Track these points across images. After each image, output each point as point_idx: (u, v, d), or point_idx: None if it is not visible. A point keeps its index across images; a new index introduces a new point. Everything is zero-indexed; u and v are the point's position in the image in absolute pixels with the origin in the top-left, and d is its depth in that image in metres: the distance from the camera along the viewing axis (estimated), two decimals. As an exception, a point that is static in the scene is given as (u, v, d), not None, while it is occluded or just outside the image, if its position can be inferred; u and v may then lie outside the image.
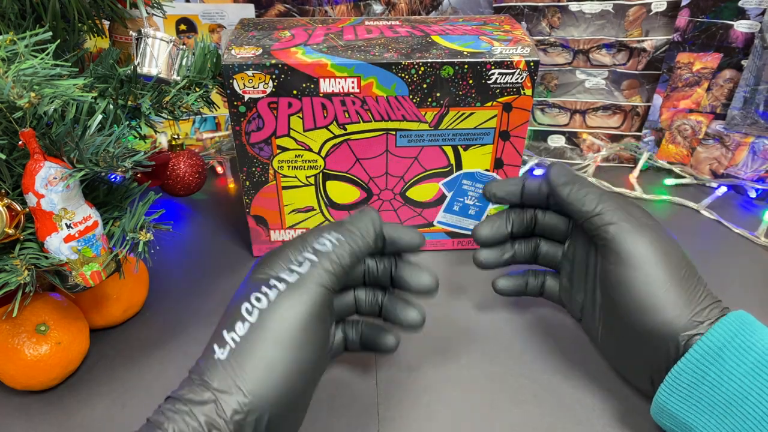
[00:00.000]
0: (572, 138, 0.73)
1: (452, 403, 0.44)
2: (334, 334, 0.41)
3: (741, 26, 0.64)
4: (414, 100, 0.49)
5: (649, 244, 0.38)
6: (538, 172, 0.71)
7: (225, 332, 0.33)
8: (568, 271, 0.45)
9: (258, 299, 0.34)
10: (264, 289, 0.34)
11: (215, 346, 0.33)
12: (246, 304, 0.34)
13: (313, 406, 0.43)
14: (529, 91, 0.50)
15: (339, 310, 0.42)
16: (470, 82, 0.49)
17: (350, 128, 0.51)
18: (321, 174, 0.53)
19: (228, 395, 0.31)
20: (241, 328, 0.33)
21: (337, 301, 0.42)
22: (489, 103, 0.50)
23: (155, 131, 0.49)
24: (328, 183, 0.54)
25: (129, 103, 0.44)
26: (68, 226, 0.37)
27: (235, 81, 0.47)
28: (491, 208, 0.57)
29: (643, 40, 0.66)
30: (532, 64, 0.48)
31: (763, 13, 0.62)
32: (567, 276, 0.45)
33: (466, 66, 0.48)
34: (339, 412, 0.43)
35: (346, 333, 0.42)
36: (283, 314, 0.33)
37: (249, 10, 0.66)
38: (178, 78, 0.44)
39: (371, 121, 0.50)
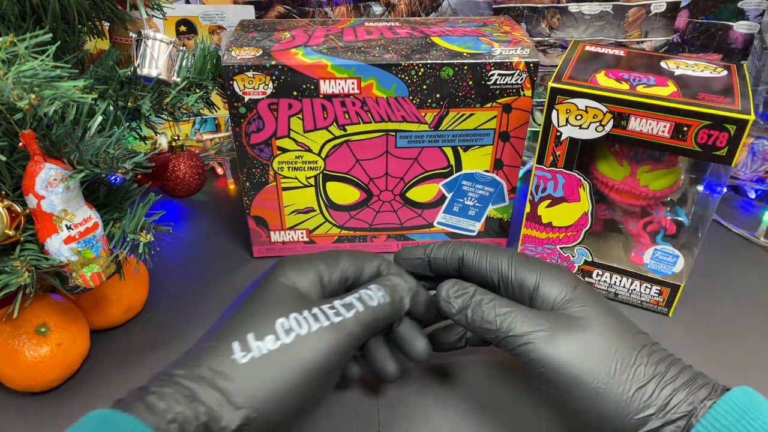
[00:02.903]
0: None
1: (452, 404, 0.44)
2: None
3: (740, 27, 0.64)
4: (414, 101, 0.49)
5: (567, 353, 0.35)
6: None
7: (252, 337, 0.33)
8: None
9: (298, 323, 0.34)
10: (306, 314, 0.34)
11: (236, 346, 0.33)
12: (283, 320, 0.34)
13: (313, 407, 0.43)
14: (528, 92, 0.50)
15: None
16: (470, 83, 0.49)
17: (350, 129, 0.51)
18: (321, 175, 0.53)
19: (237, 401, 0.31)
20: (271, 342, 0.33)
21: None
22: (489, 104, 0.50)
23: (155, 132, 0.49)
24: (328, 184, 0.54)
25: (129, 104, 0.44)
26: (68, 228, 0.37)
27: (235, 82, 0.47)
28: (492, 209, 0.57)
29: (642, 41, 0.66)
30: (531, 65, 0.48)
31: (762, 14, 0.62)
32: None
33: (465, 67, 0.48)
34: (339, 413, 0.43)
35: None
36: (316, 349, 0.33)
37: (249, 12, 0.67)
38: (178, 79, 0.44)
39: (371, 122, 0.50)
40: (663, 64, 0.48)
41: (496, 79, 0.49)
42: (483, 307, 0.37)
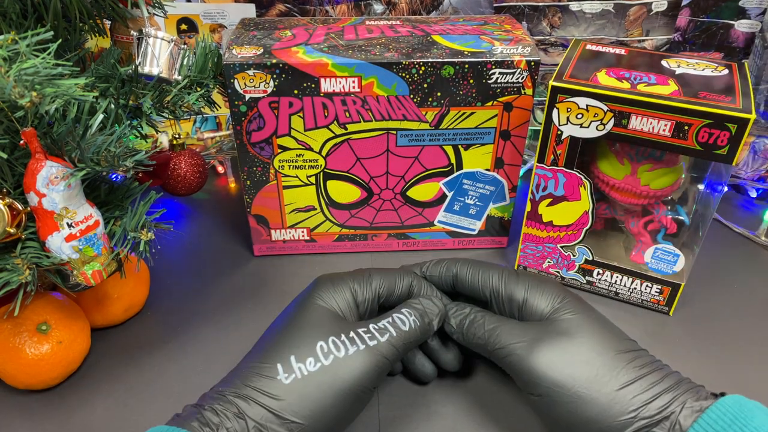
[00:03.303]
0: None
1: (453, 403, 0.44)
2: None
3: (741, 26, 0.64)
4: (415, 100, 0.49)
5: (546, 360, 0.36)
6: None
7: (293, 359, 0.35)
8: None
9: (336, 346, 0.36)
10: (343, 338, 0.37)
11: (280, 368, 0.35)
12: (322, 343, 0.36)
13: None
14: (529, 91, 0.50)
15: None
16: (471, 81, 0.49)
17: (351, 128, 0.51)
18: (322, 173, 0.53)
19: (281, 418, 0.33)
20: (312, 364, 0.36)
21: None
22: (489, 103, 0.50)
23: (156, 131, 0.49)
24: (329, 182, 0.54)
25: (130, 102, 0.44)
26: (69, 226, 0.37)
27: (236, 80, 0.47)
28: (492, 208, 0.57)
29: (643, 40, 0.66)
30: (532, 63, 0.48)
31: (763, 13, 0.62)
32: None
33: (466, 65, 0.48)
34: (340, 412, 0.43)
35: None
36: (353, 370, 0.36)
37: (250, 10, 0.66)
38: (180, 77, 0.44)
39: (372, 121, 0.50)
40: (664, 62, 0.48)
41: (497, 78, 0.49)
42: (474, 325, 0.41)
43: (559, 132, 0.46)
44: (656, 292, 0.51)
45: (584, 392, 0.35)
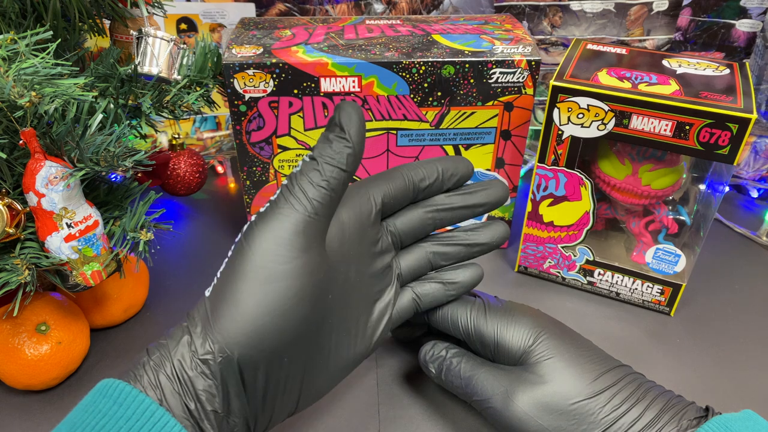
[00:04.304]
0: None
1: (453, 403, 0.43)
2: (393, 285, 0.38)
3: (743, 26, 0.64)
4: (415, 100, 0.49)
5: (522, 412, 0.35)
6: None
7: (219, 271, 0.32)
8: None
9: (241, 235, 0.32)
10: (245, 225, 0.32)
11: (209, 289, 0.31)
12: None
13: (314, 406, 0.43)
14: (530, 91, 0.50)
15: (410, 269, 0.40)
16: (471, 81, 0.49)
17: (351, 128, 0.51)
18: (322, 173, 0.53)
19: (201, 335, 0.29)
20: (223, 264, 0.32)
21: (406, 257, 0.40)
22: (490, 103, 0.50)
23: (156, 131, 0.49)
24: (329, 182, 0.54)
25: (130, 102, 0.44)
26: (69, 226, 0.37)
27: (235, 80, 0.47)
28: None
29: (644, 39, 0.66)
30: (533, 63, 0.48)
31: (764, 13, 0.62)
32: None
33: (467, 65, 0.48)
34: (340, 412, 0.43)
35: (416, 293, 0.40)
36: (252, 245, 0.30)
37: (250, 10, 0.66)
38: (179, 77, 0.44)
39: (372, 121, 0.50)
40: (665, 62, 0.48)
41: (498, 78, 0.49)
42: (451, 373, 0.38)
43: (559, 132, 0.46)
44: (657, 292, 0.51)
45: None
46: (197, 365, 0.29)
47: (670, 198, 0.52)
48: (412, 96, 0.49)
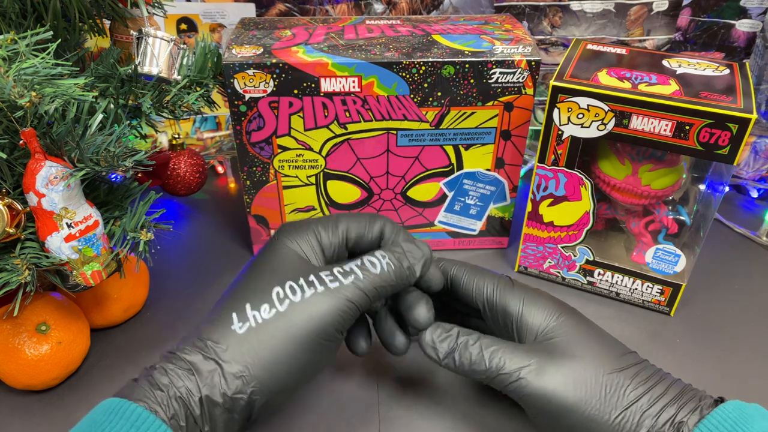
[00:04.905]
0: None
1: (453, 403, 0.43)
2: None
3: (743, 26, 0.64)
4: (415, 100, 0.49)
5: (557, 384, 0.35)
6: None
7: (249, 307, 0.33)
8: None
9: (293, 290, 0.34)
10: (302, 282, 0.34)
11: (234, 317, 0.33)
12: (278, 289, 0.34)
13: (314, 406, 0.43)
14: (530, 91, 0.50)
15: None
16: (471, 81, 0.49)
17: (351, 128, 0.51)
18: (322, 173, 0.53)
19: (233, 370, 0.32)
20: (266, 311, 0.33)
21: None
22: (490, 103, 0.50)
23: (156, 131, 0.49)
24: (329, 182, 0.54)
25: (130, 102, 0.44)
26: (69, 226, 0.37)
27: (235, 80, 0.47)
28: (493, 208, 0.57)
29: (644, 40, 0.66)
30: (533, 63, 0.48)
31: (764, 13, 0.62)
32: None
33: (467, 65, 0.48)
34: (340, 412, 0.43)
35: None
36: (311, 315, 0.33)
37: (250, 10, 0.66)
38: (179, 77, 0.44)
39: (372, 121, 0.50)
40: (665, 62, 0.48)
41: (498, 78, 0.49)
42: (470, 349, 0.37)
43: (559, 132, 0.46)
44: (657, 292, 0.51)
45: (595, 414, 0.34)
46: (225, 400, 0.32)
47: (670, 198, 0.52)
48: (412, 96, 0.49)
